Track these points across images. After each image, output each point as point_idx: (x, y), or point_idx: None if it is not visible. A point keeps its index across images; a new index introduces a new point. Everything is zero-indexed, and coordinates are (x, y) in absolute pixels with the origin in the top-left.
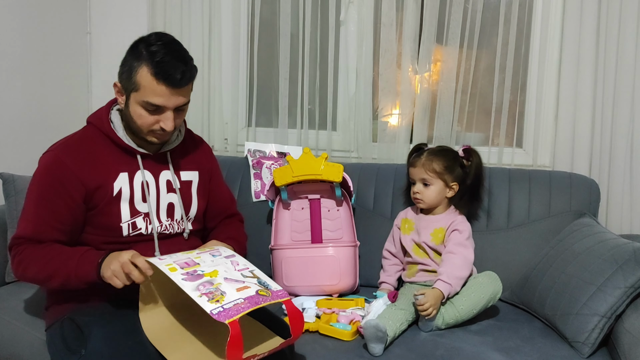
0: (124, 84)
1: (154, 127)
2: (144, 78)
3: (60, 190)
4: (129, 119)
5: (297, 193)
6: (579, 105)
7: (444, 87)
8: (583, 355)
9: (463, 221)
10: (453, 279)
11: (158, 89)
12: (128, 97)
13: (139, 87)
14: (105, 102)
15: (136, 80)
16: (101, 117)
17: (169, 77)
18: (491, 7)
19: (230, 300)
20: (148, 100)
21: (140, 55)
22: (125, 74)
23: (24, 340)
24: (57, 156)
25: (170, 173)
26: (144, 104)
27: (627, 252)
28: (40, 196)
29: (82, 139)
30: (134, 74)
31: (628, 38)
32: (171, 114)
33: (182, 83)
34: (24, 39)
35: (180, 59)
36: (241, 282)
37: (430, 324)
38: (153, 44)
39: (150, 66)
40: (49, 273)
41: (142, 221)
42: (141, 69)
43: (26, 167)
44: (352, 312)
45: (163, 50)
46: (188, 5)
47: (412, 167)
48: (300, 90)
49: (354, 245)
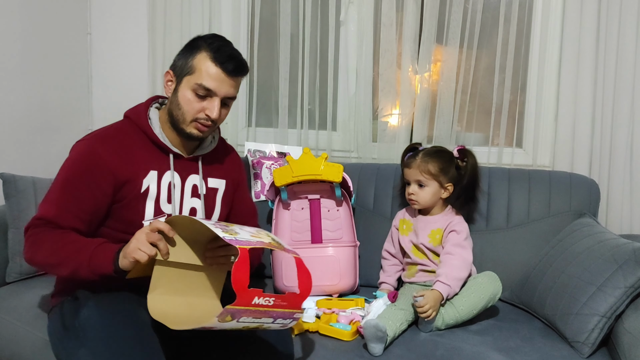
0: (178, 70)
1: (199, 114)
2: (201, 61)
3: (88, 179)
4: (174, 107)
5: (297, 193)
6: (579, 105)
7: (444, 87)
8: (583, 355)
9: (460, 222)
10: (452, 280)
11: (213, 71)
12: (179, 82)
13: (195, 69)
14: (104, 102)
15: (193, 63)
16: (139, 112)
17: (226, 62)
18: (491, 7)
19: (244, 239)
20: (201, 82)
21: (199, 45)
22: (182, 59)
23: (25, 340)
24: (91, 145)
25: (198, 178)
26: (196, 87)
27: (627, 252)
28: (67, 182)
29: (117, 131)
30: (191, 59)
31: (628, 38)
32: (218, 102)
33: (237, 72)
34: (24, 39)
35: (237, 53)
36: (255, 233)
37: (430, 325)
38: (211, 37)
39: (210, 51)
40: (59, 259)
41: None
42: (200, 54)
43: (26, 167)
44: (352, 312)
45: (222, 42)
46: (188, 5)
47: (407, 168)
48: (300, 90)
49: (353, 245)
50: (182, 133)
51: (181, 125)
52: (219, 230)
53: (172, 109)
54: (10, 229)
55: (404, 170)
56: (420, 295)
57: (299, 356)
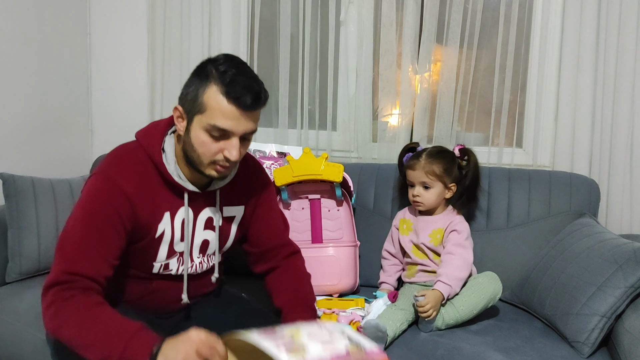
0: (187, 107)
1: (217, 156)
2: (212, 98)
3: (112, 216)
4: (188, 148)
5: (298, 193)
6: (579, 105)
7: (444, 87)
8: (583, 355)
9: (461, 221)
10: (453, 280)
11: (228, 110)
12: (190, 121)
13: (206, 108)
14: (104, 102)
15: (203, 101)
16: (153, 144)
17: (241, 97)
18: (491, 7)
19: (314, 357)
20: (215, 123)
21: (209, 75)
22: (191, 94)
23: (25, 340)
24: (111, 178)
25: (214, 210)
26: (210, 128)
27: (627, 252)
28: (90, 222)
29: (136, 164)
30: (201, 94)
31: (628, 38)
32: (237, 141)
33: (255, 105)
34: (24, 39)
35: (253, 79)
36: (328, 340)
37: (430, 325)
38: (222, 63)
39: (221, 85)
40: (88, 341)
41: (175, 262)
42: (209, 89)
43: (26, 167)
44: (352, 313)
45: (234, 70)
46: (188, 6)
47: (410, 170)
48: (300, 90)
49: (354, 245)
50: (201, 173)
51: (198, 167)
52: (282, 354)
53: (186, 149)
54: (9, 229)
55: (407, 172)
56: (421, 295)
57: None
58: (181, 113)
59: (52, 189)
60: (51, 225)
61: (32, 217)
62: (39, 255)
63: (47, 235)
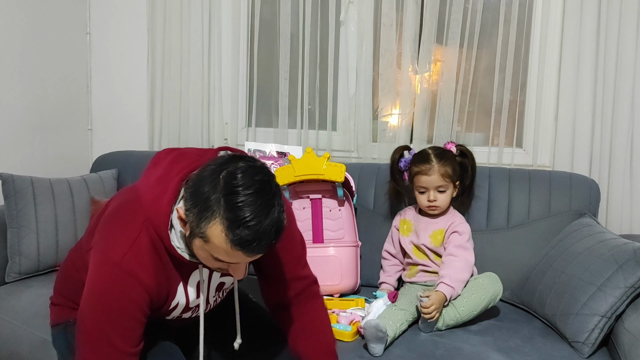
0: (189, 224)
1: (222, 267)
2: (216, 237)
3: (135, 311)
4: (192, 249)
5: (299, 193)
6: (579, 105)
7: (444, 87)
8: (583, 355)
9: (462, 222)
10: (455, 282)
11: (232, 253)
12: (193, 238)
13: (209, 241)
14: (104, 102)
15: (206, 233)
16: (161, 223)
17: (250, 248)
18: (491, 7)
19: None
20: (218, 257)
21: (217, 202)
22: (195, 216)
23: (24, 339)
24: (130, 272)
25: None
26: (217, 259)
27: (627, 252)
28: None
29: (149, 250)
30: (205, 225)
31: (628, 38)
32: (244, 265)
33: (265, 251)
34: (24, 39)
35: (269, 223)
36: None
37: (432, 326)
38: (239, 185)
39: (228, 230)
40: None
41: (189, 313)
42: (214, 225)
43: (25, 167)
44: (352, 313)
45: (249, 209)
46: (188, 6)
47: (424, 176)
48: (300, 90)
49: (355, 245)
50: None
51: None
52: None
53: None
54: (9, 229)
55: (419, 179)
56: (426, 296)
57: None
58: (182, 223)
59: (52, 189)
60: (50, 225)
61: (31, 216)
62: (38, 254)
63: (46, 234)
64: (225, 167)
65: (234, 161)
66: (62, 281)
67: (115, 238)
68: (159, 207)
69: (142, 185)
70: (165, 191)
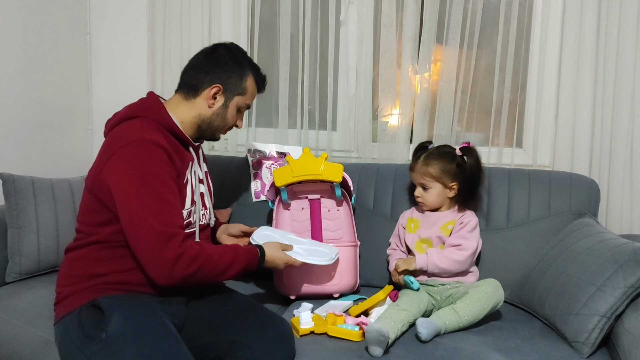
0: (231, 87)
1: (236, 122)
2: (251, 85)
3: (168, 169)
4: (215, 119)
5: (297, 193)
6: (579, 105)
7: (444, 87)
8: (583, 355)
9: (470, 215)
10: (432, 265)
11: (255, 94)
12: (230, 99)
13: (246, 91)
14: (104, 102)
15: (245, 85)
16: (162, 114)
17: (263, 87)
18: (491, 7)
19: None
20: (249, 102)
21: (244, 64)
22: (235, 79)
23: (25, 339)
24: (148, 140)
25: (201, 163)
26: (244, 106)
27: (627, 252)
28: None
29: (154, 127)
30: (244, 80)
31: (628, 38)
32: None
33: None
34: (24, 39)
35: None
36: None
37: (432, 332)
38: (245, 54)
39: (256, 77)
40: (227, 265)
41: (189, 213)
42: (249, 78)
43: (26, 166)
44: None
45: (254, 63)
46: (188, 6)
47: (411, 172)
48: (300, 90)
49: (354, 245)
50: (211, 137)
51: (216, 133)
52: None
53: (213, 120)
54: (9, 229)
55: (410, 174)
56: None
57: (300, 356)
58: (221, 91)
59: (52, 189)
60: (51, 225)
61: (31, 216)
62: (39, 254)
63: (46, 234)
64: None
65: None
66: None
67: (125, 134)
68: (156, 111)
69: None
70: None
